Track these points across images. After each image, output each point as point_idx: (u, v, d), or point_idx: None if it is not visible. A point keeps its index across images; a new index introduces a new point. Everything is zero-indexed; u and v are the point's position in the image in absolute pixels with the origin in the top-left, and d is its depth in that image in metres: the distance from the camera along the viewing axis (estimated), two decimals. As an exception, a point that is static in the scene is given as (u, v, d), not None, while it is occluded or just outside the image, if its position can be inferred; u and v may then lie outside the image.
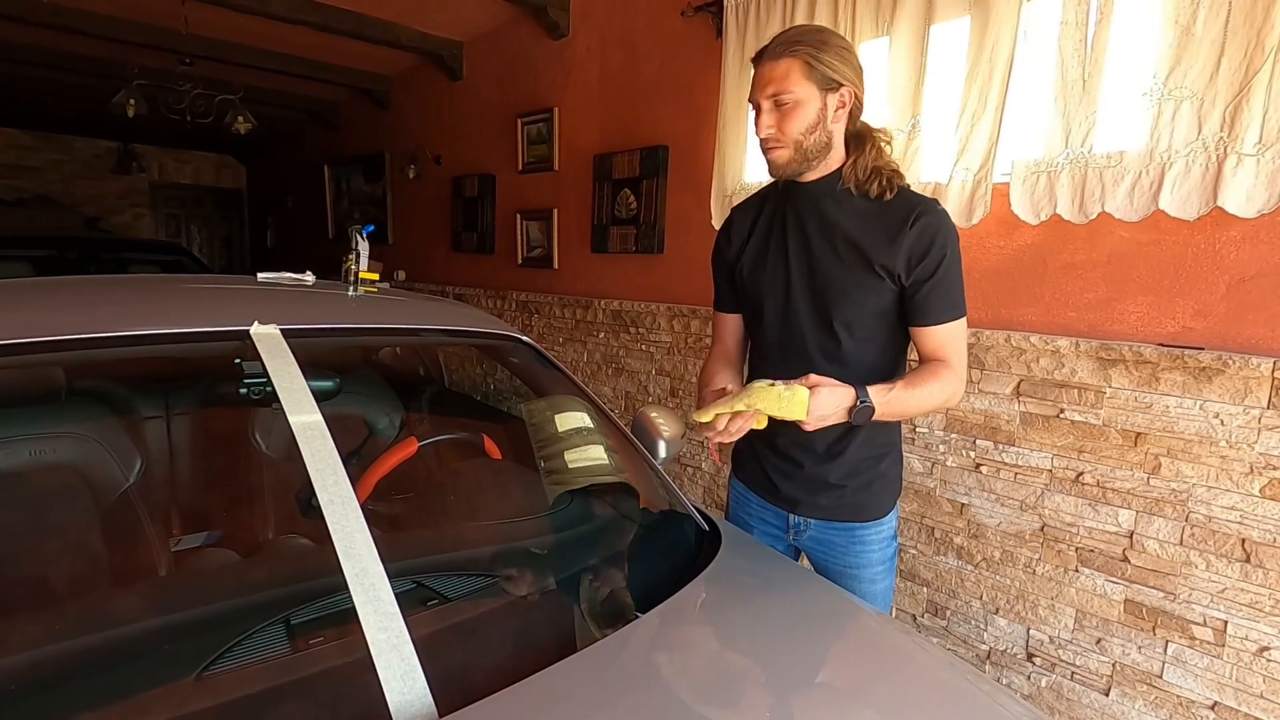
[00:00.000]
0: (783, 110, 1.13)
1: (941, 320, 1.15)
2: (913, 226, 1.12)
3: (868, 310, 1.18)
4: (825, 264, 1.19)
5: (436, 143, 4.72)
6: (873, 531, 1.30)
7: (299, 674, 0.80)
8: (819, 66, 1.10)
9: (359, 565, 0.86)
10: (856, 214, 1.17)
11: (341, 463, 0.98)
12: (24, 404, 1.41)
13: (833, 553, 1.33)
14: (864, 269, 1.16)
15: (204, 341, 1.19)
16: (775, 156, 1.17)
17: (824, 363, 1.21)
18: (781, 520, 1.37)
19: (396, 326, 1.45)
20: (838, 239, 1.18)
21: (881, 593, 1.34)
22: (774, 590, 1.15)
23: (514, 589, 1.02)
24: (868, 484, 1.28)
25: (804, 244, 1.22)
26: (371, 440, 1.75)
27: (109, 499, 1.38)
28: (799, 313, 1.23)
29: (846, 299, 1.18)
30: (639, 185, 3.10)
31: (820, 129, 1.14)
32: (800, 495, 1.31)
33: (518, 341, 1.62)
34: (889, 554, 1.34)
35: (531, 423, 1.80)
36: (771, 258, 1.26)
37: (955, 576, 2.09)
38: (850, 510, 1.29)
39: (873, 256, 1.15)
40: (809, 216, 1.21)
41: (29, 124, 7.32)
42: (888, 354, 1.23)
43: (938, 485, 2.11)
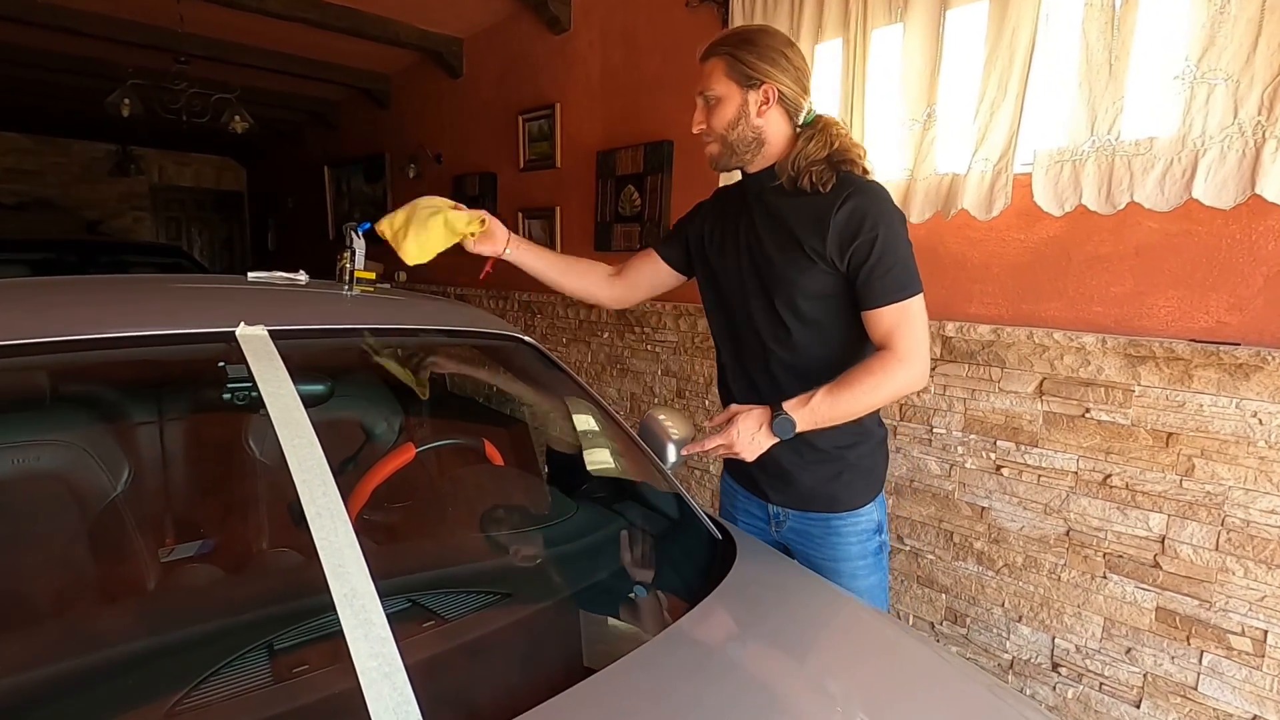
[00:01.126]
0: (710, 107, 1.22)
1: (884, 302, 1.13)
2: (840, 209, 1.13)
3: (808, 295, 1.19)
4: (767, 251, 1.23)
5: (437, 142, 4.66)
6: (848, 523, 1.29)
7: (280, 707, 0.73)
8: (738, 65, 1.18)
9: (348, 585, 0.79)
10: (791, 202, 1.20)
11: (331, 473, 0.91)
12: (5, 411, 1.34)
13: (811, 544, 1.32)
14: (797, 253, 1.18)
15: (186, 344, 1.12)
16: (707, 151, 1.27)
17: (776, 349, 1.25)
18: (763, 511, 1.37)
19: (393, 327, 1.38)
20: (776, 227, 1.22)
21: (868, 589, 1.31)
22: (794, 604, 1.08)
23: (518, 608, 0.95)
24: (837, 473, 1.27)
25: (751, 233, 1.26)
26: (368, 446, 1.68)
27: (94, 509, 1.32)
28: (749, 300, 1.27)
29: (786, 284, 1.20)
30: (643, 181, 3.03)
31: (743, 124, 1.20)
32: (773, 482, 1.32)
33: (520, 342, 1.55)
34: (871, 549, 1.31)
35: (535, 426, 1.74)
36: (728, 246, 1.31)
37: (975, 583, 2.01)
38: (823, 501, 1.29)
39: (802, 240, 1.17)
40: (755, 206, 1.26)
41: (28, 127, 7.28)
42: (839, 341, 1.22)
43: (956, 488, 2.03)
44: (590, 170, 3.33)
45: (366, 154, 5.57)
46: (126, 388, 1.47)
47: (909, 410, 2.13)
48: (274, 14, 3.59)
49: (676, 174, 2.94)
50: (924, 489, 2.10)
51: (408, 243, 1.37)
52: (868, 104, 2.10)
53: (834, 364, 1.18)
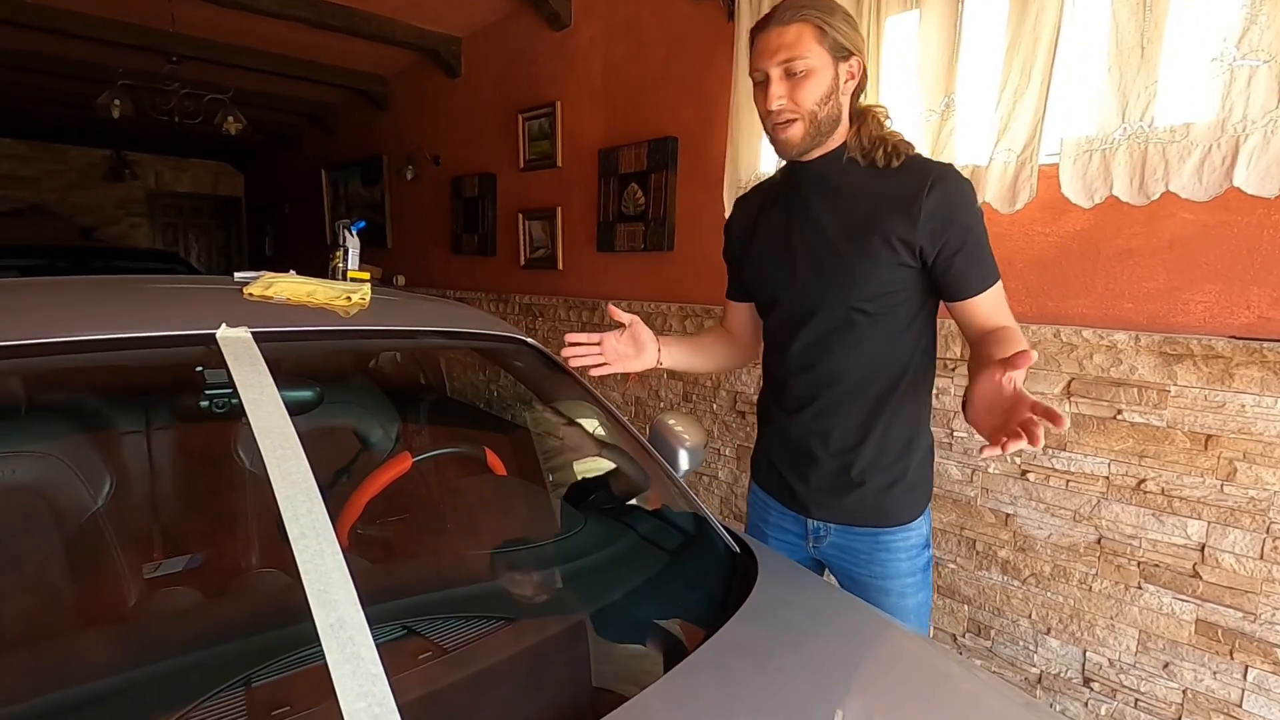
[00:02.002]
0: (795, 80, 1.03)
1: (985, 288, 1.06)
2: (930, 194, 1.03)
3: (884, 288, 1.08)
4: (835, 245, 1.10)
5: (435, 143, 4.58)
6: (899, 538, 1.18)
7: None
8: (830, 32, 1.02)
9: (334, 614, 0.70)
10: (865, 186, 1.09)
11: (318, 488, 0.82)
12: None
13: (856, 561, 1.21)
14: (880, 243, 1.06)
15: (163, 347, 1.04)
16: (789, 133, 1.07)
17: (841, 349, 1.13)
18: (800, 527, 1.26)
19: (388, 329, 1.29)
20: (846, 215, 1.10)
21: (914, 609, 1.22)
22: (825, 627, 1.00)
23: (524, 635, 0.87)
24: (890, 484, 1.17)
25: (810, 227, 1.14)
26: (364, 455, 1.60)
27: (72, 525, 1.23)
28: (809, 300, 1.15)
29: (862, 277, 1.09)
30: (647, 179, 2.95)
31: (833, 100, 1.06)
32: (818, 496, 1.21)
33: (521, 343, 1.47)
34: (920, 565, 1.21)
35: (538, 432, 1.65)
36: (777, 247, 1.19)
37: (1000, 593, 1.92)
38: (873, 513, 1.18)
39: (888, 229, 1.05)
40: (814, 197, 1.13)
41: (23, 133, 7.21)
42: (904, 337, 1.13)
43: (979, 494, 1.94)
44: (592, 169, 3.25)
45: (364, 157, 5.50)
46: (104, 395, 1.39)
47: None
48: (267, 12, 3.52)
49: (681, 171, 2.86)
50: (944, 495, 2.02)
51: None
52: (882, 94, 2.02)
53: (893, 362, 1.12)
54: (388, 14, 3.84)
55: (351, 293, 1.33)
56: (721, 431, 2.72)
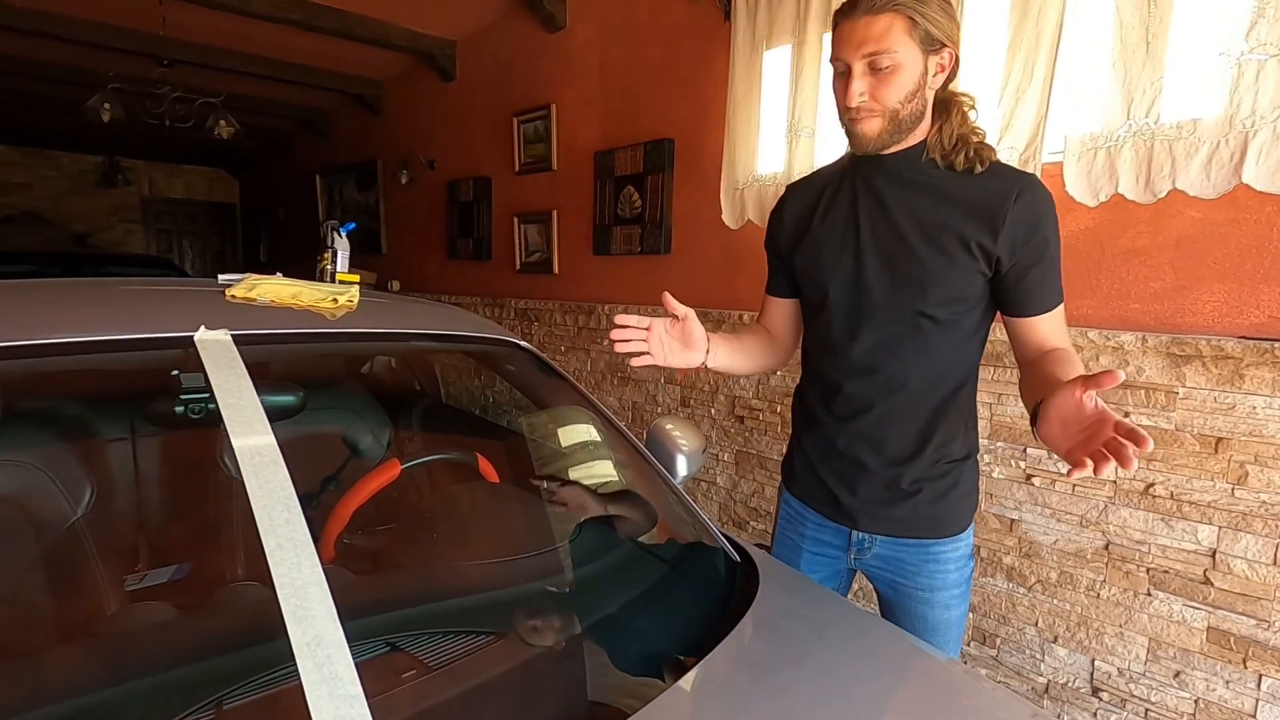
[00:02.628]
0: (879, 75, 0.96)
1: (1051, 307, 1.01)
2: (1016, 203, 0.97)
3: (957, 294, 1.02)
4: (909, 244, 1.03)
5: (430, 147, 4.55)
6: (949, 549, 1.13)
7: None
8: (922, 23, 0.94)
9: (311, 631, 0.66)
10: (946, 189, 1.02)
11: (297, 498, 0.78)
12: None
13: (903, 573, 1.16)
14: (958, 248, 1.00)
15: (141, 350, 1.00)
16: (865, 128, 1.00)
17: (906, 354, 1.07)
18: (841, 538, 1.19)
19: (376, 331, 1.25)
20: (925, 215, 1.02)
21: (956, 620, 1.17)
22: (830, 638, 0.95)
23: (514, 651, 0.82)
24: (943, 493, 1.11)
25: (882, 224, 1.06)
26: (353, 462, 1.55)
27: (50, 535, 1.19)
28: (874, 300, 1.07)
29: (937, 282, 1.02)
30: (643, 182, 2.92)
31: (919, 96, 0.98)
32: (866, 507, 1.14)
33: (515, 347, 1.43)
34: (965, 575, 1.16)
35: (532, 438, 1.61)
36: (839, 241, 1.10)
37: (1005, 600, 1.88)
38: (925, 524, 1.12)
39: (969, 235, 0.99)
40: (888, 193, 1.05)
41: (15, 139, 7.16)
42: (970, 345, 1.08)
43: (983, 499, 1.90)
44: (588, 172, 3.22)
45: (358, 162, 5.46)
46: (83, 401, 1.35)
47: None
48: (259, 15, 3.49)
49: (678, 173, 2.82)
50: (947, 500, 1.98)
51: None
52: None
53: (952, 369, 1.08)
54: (381, 17, 3.81)
55: (339, 295, 1.29)
56: (720, 437, 2.68)
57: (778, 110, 2.32)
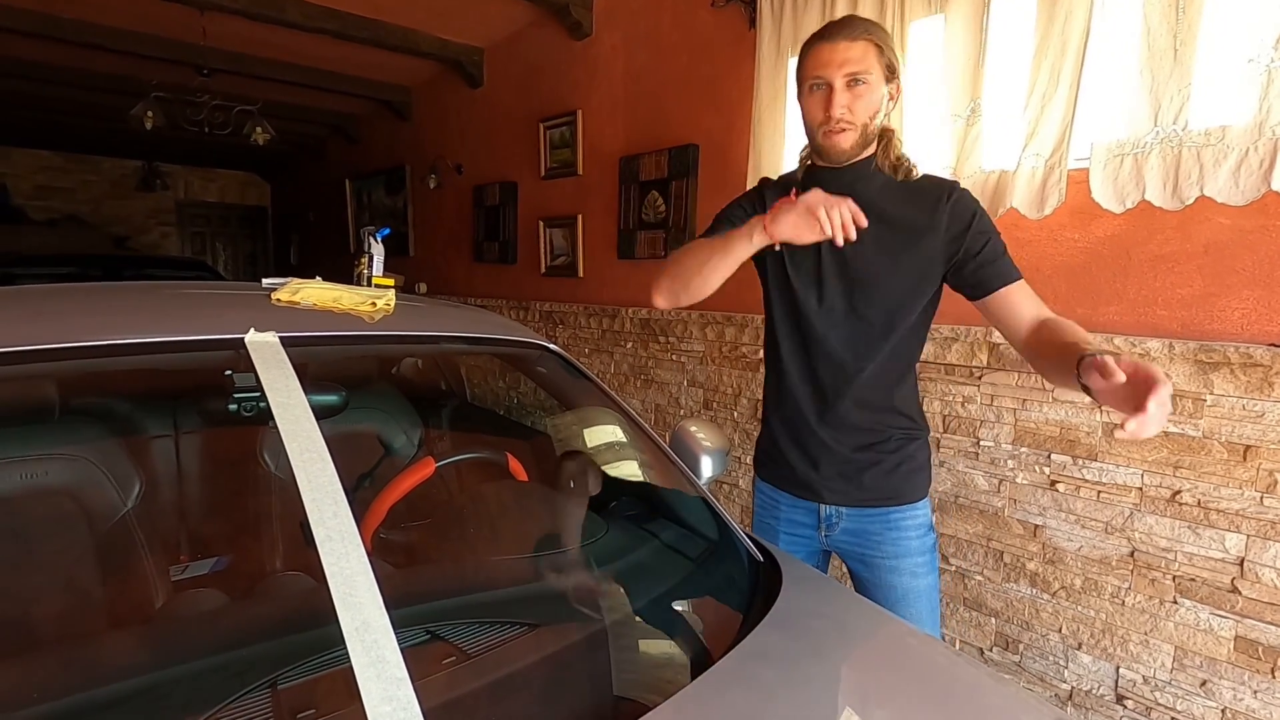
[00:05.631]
0: (855, 92, 1.11)
1: (1015, 277, 1.13)
2: (948, 201, 1.14)
3: (906, 291, 1.17)
4: (868, 254, 1.16)
5: (457, 152, 4.63)
6: (908, 517, 1.26)
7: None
8: (887, 53, 1.12)
9: (359, 617, 0.70)
10: (891, 196, 1.17)
11: (343, 490, 0.83)
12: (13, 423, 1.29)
13: (869, 543, 1.27)
14: (907, 245, 1.15)
15: (192, 351, 1.05)
16: (841, 139, 1.14)
17: (866, 345, 1.20)
18: (812, 517, 1.31)
19: (413, 334, 1.30)
20: (875, 221, 1.12)
21: (925, 590, 1.27)
22: (851, 637, 0.98)
23: (546, 641, 0.86)
24: (897, 465, 1.25)
25: None
26: (387, 460, 1.61)
27: (102, 526, 1.26)
28: (842, 304, 1.20)
29: (891, 279, 1.16)
30: (667, 187, 2.95)
31: (879, 116, 1.15)
32: (830, 482, 1.27)
33: (544, 350, 1.47)
34: (928, 545, 1.28)
35: (559, 439, 1.65)
36: (804, 250, 1.20)
37: (1029, 606, 1.88)
38: (884, 492, 1.25)
39: (917, 232, 1.14)
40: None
41: (59, 145, 7.42)
42: (916, 337, 1.22)
43: (1006, 505, 1.91)
44: (613, 177, 3.27)
45: (387, 167, 5.58)
46: (134, 398, 1.41)
47: (953, 421, 2.01)
48: (294, 24, 3.59)
49: (702, 179, 2.86)
50: (970, 505, 1.98)
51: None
52: (906, 100, 2.00)
53: (903, 368, 1.22)
54: (411, 25, 3.90)
55: (376, 299, 1.34)
56: (742, 440, 2.70)
57: (802, 116, 2.33)
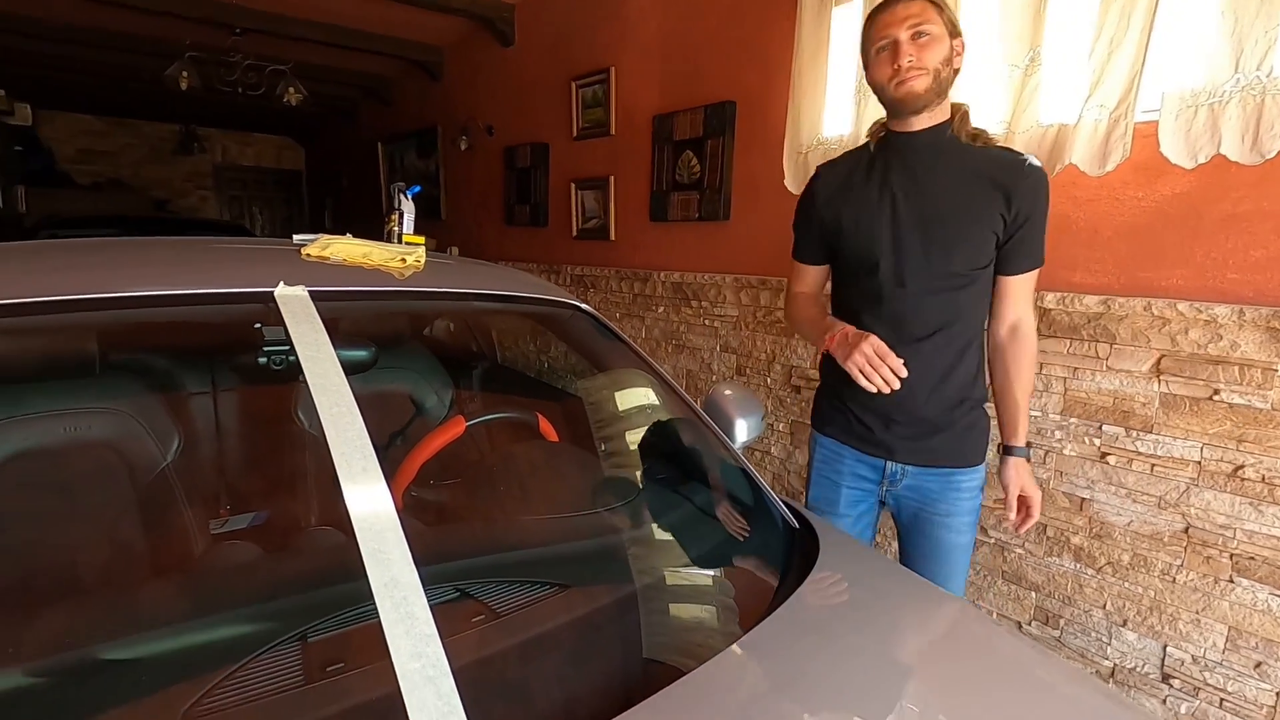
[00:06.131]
0: (920, 43, 1.15)
1: (1034, 265, 1.22)
2: (1028, 176, 1.17)
3: (977, 254, 1.20)
4: (941, 209, 1.20)
5: (488, 113, 4.57)
6: (966, 478, 1.31)
7: (310, 715, 0.63)
8: (945, 11, 1.17)
9: (388, 573, 0.69)
10: (967, 160, 1.20)
11: (372, 445, 0.81)
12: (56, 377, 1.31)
13: (927, 500, 1.32)
14: (980, 207, 1.18)
15: (222, 304, 1.04)
16: (915, 84, 1.16)
17: (937, 308, 1.23)
18: (876, 472, 1.35)
19: (443, 290, 1.27)
20: (954, 183, 1.20)
21: (964, 547, 1.34)
22: (892, 605, 0.94)
23: (576, 602, 0.84)
24: (966, 429, 1.29)
25: (915, 193, 1.22)
26: (418, 419, 1.60)
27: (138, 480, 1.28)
28: (910, 261, 1.23)
29: (965, 242, 1.20)
30: (702, 146, 2.87)
31: (949, 68, 1.17)
32: (901, 442, 1.30)
33: (576, 309, 1.43)
34: (976, 506, 1.34)
35: (590, 401, 1.63)
36: (874, 210, 1.25)
37: (1072, 581, 1.82)
38: (950, 454, 1.29)
39: (988, 196, 1.18)
40: (918, 164, 1.22)
41: (100, 109, 7.53)
42: (984, 300, 1.26)
43: (1052, 476, 1.84)
44: (646, 137, 3.18)
45: (419, 129, 5.54)
46: (172, 355, 1.42)
47: (998, 390, 1.94)
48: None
49: (739, 137, 2.76)
50: (1013, 477, 1.91)
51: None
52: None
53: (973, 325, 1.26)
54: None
55: (406, 255, 1.32)
56: (775, 407, 2.65)
57: (846, 70, 2.23)
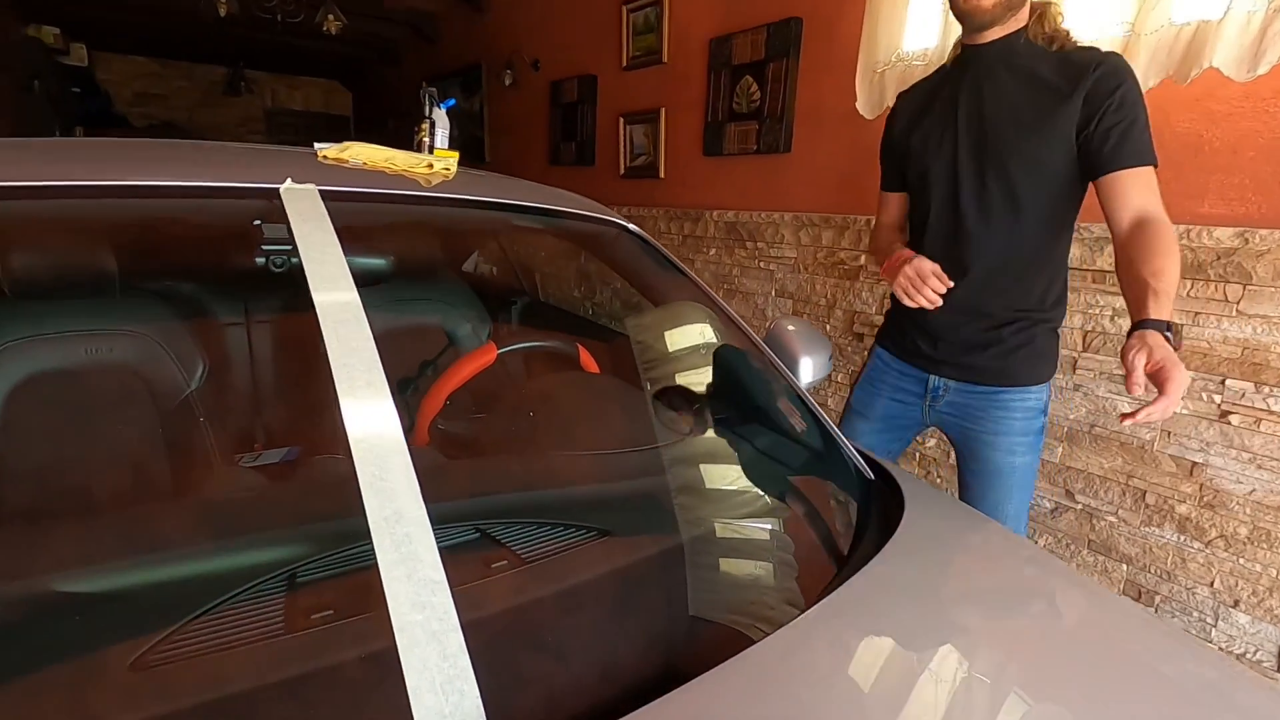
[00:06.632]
0: None
1: (1140, 162, 1.06)
2: (1096, 71, 1.07)
3: (1038, 167, 1.13)
4: (996, 122, 1.15)
5: (535, 46, 4.35)
6: (1016, 398, 1.24)
7: (286, 670, 0.51)
8: None
9: (390, 506, 0.56)
10: (1035, 68, 1.13)
11: (378, 357, 0.68)
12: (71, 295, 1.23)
13: (970, 417, 1.28)
14: (1040, 119, 1.10)
15: (223, 198, 0.92)
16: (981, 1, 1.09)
17: (995, 227, 1.18)
18: (920, 386, 1.33)
19: (473, 199, 1.12)
20: (1014, 94, 1.14)
21: (1020, 467, 1.27)
22: (985, 564, 0.78)
23: (614, 555, 0.70)
24: (1016, 348, 1.23)
25: (976, 108, 1.18)
26: (450, 350, 1.48)
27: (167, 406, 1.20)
28: (971, 176, 1.19)
29: (1020, 158, 1.13)
30: (764, 70, 2.62)
31: None
32: (945, 355, 1.28)
33: (622, 229, 1.27)
34: (1035, 428, 1.26)
35: (637, 332, 1.47)
36: (940, 130, 1.22)
37: (1174, 555, 1.62)
38: (994, 374, 1.24)
39: (1052, 104, 1.09)
40: (985, 79, 1.17)
41: (152, 50, 7.55)
42: (1052, 223, 1.17)
43: (1157, 437, 1.62)
44: (701, 63, 2.94)
45: (463, 67, 5.35)
46: (190, 270, 1.33)
47: (1095, 338, 1.71)
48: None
49: (804, 59, 2.50)
50: (1109, 437, 1.70)
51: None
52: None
53: (1038, 254, 1.18)
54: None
55: (435, 162, 1.18)
56: (835, 356, 2.46)
57: (933, -28, 1.95)
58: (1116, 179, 1.06)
